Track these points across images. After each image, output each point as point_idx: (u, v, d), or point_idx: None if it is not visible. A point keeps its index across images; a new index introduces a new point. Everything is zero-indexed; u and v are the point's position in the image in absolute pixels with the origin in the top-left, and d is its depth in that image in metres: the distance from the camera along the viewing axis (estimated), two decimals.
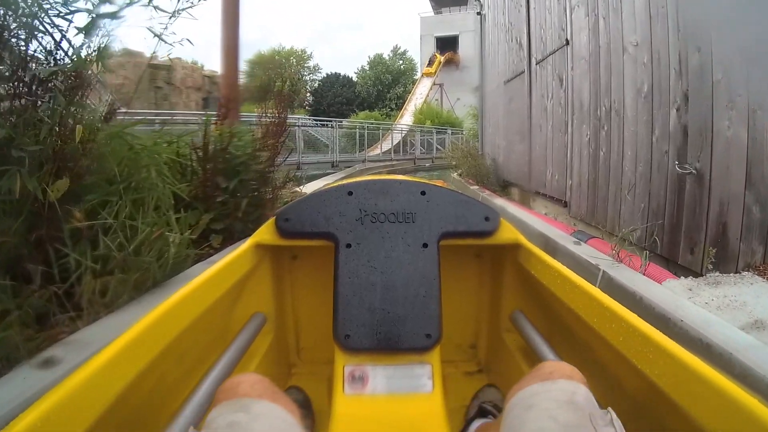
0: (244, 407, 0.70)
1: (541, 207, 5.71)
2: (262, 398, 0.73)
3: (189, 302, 1.02)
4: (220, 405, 0.72)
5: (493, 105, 8.16)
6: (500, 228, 1.37)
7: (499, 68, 7.70)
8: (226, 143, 2.85)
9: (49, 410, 0.63)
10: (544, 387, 0.74)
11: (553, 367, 0.79)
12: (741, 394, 0.65)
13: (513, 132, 6.90)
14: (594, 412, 0.68)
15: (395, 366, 1.18)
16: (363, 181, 1.38)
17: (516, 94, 6.72)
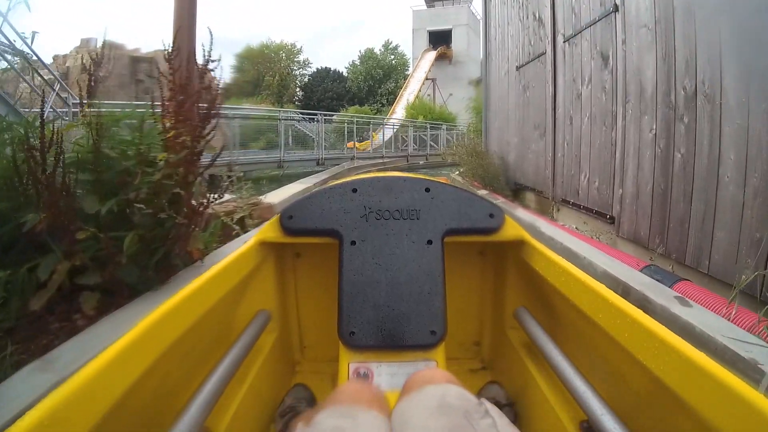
0: (352, 414, 0.70)
1: (571, 219, 4.51)
2: (371, 408, 0.72)
3: (193, 300, 1.00)
4: (331, 407, 0.71)
5: (500, 96, 6.95)
6: (504, 225, 1.33)
7: (508, 52, 6.49)
8: (95, 138, 1.61)
9: (54, 409, 0.63)
10: (413, 399, 0.72)
11: (417, 377, 0.79)
12: (747, 390, 0.63)
13: (529, 126, 5.70)
14: (469, 408, 0.66)
15: (400, 363, 1.17)
16: (368, 178, 1.34)
17: (533, 80, 5.52)
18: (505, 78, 6.66)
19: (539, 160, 5.36)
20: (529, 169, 5.71)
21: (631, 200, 3.41)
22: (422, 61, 33.61)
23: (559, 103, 4.73)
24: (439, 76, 33.98)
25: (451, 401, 0.69)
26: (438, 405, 0.68)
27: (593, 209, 3.99)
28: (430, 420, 0.66)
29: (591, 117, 4.03)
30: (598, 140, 3.91)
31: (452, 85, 33.97)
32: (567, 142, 4.54)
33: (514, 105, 6.24)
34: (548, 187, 5.06)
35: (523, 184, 5.95)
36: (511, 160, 6.39)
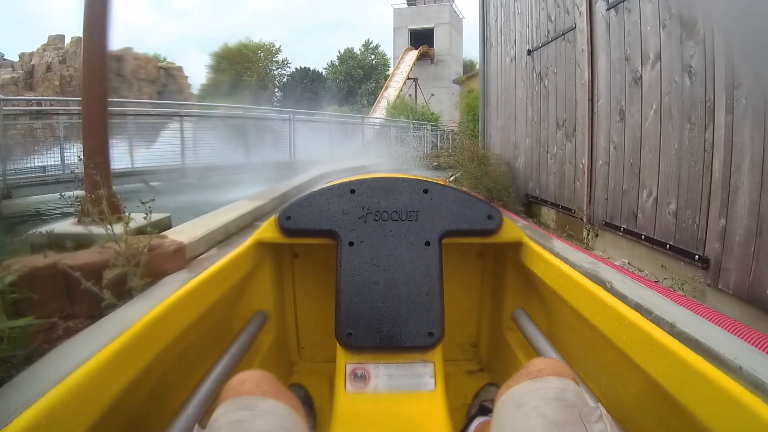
0: (249, 405, 0.69)
1: (619, 250, 3.23)
2: (266, 396, 0.71)
3: (190, 300, 1.01)
4: (226, 403, 0.69)
5: (504, 88, 5.66)
6: (503, 226, 1.30)
7: (515, 35, 5.21)
8: None
9: (50, 408, 0.62)
10: (534, 385, 0.71)
11: (543, 364, 0.77)
12: (744, 394, 0.62)
13: (548, 124, 4.42)
14: (584, 408, 0.65)
15: (397, 364, 1.16)
16: (366, 179, 1.31)
17: (554, 65, 4.23)
18: (510, 66, 5.37)
19: (565, 167, 4.08)
20: (548, 179, 4.43)
21: (746, 237, 2.13)
22: (403, 60, 32.34)
23: (600, 92, 3.45)
24: (421, 76, 32.75)
25: (569, 397, 0.67)
26: (557, 397, 0.67)
27: (666, 243, 2.71)
28: (548, 409, 0.64)
29: (661, 110, 2.75)
30: (674, 143, 2.63)
31: (434, 84, 32.76)
32: (615, 145, 3.25)
33: (524, 98, 4.95)
34: (580, 203, 3.78)
35: (538, 196, 4.67)
36: (520, 166, 5.11)
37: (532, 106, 4.76)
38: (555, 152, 4.26)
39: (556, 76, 4.21)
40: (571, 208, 3.99)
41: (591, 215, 3.62)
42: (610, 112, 3.30)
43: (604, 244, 3.54)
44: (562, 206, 4.15)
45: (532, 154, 4.78)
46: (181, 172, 8.23)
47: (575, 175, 3.90)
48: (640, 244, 2.99)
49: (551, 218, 4.45)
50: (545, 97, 4.45)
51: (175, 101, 16.69)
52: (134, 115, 8.58)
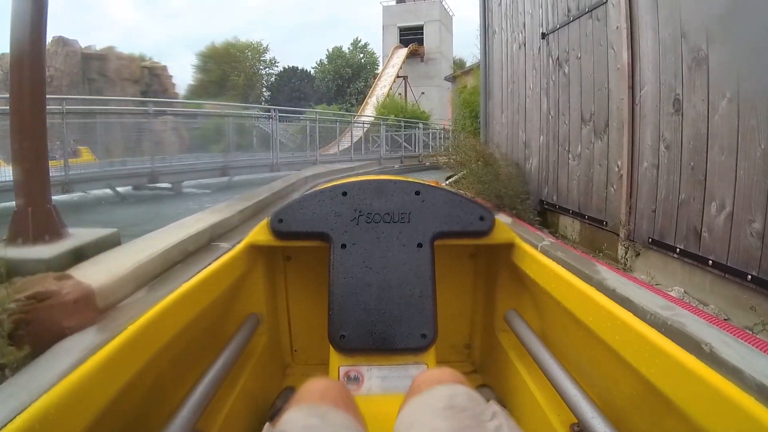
0: (321, 413, 0.68)
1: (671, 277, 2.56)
2: (339, 407, 0.71)
3: (183, 304, 1.00)
4: (300, 406, 0.70)
5: (510, 79, 4.98)
6: (495, 228, 1.30)
7: (525, 17, 4.52)
8: None
9: (45, 412, 0.61)
10: (421, 400, 0.70)
11: (425, 376, 0.77)
12: (737, 393, 0.63)
13: (569, 118, 3.74)
14: (476, 408, 0.64)
15: (390, 366, 1.16)
16: (358, 181, 1.32)
17: (578, 48, 3.55)
18: (518, 54, 4.69)
19: (593, 170, 3.40)
20: (570, 184, 3.75)
21: None
22: (393, 58, 31.63)
23: (645, 78, 2.77)
24: (411, 74, 32.12)
25: (459, 402, 0.66)
26: (447, 406, 0.66)
27: (746, 273, 2.03)
28: (438, 420, 0.64)
29: (738, 99, 2.07)
30: (761, 143, 1.96)
31: (424, 83, 32.18)
32: (668, 144, 2.57)
33: (537, 89, 4.27)
34: (615, 214, 3.10)
35: (556, 204, 3.99)
36: (532, 167, 4.42)
37: (548, 98, 4.08)
38: (579, 152, 3.58)
39: (579, 62, 3.53)
40: (601, 220, 3.31)
41: (631, 230, 2.94)
42: (660, 102, 2.62)
43: (648, 266, 2.87)
44: (589, 217, 3.47)
45: (548, 154, 4.10)
46: (152, 175, 7.43)
47: (608, 179, 3.22)
48: (704, 270, 2.32)
49: (573, 230, 3.78)
50: (565, 87, 3.77)
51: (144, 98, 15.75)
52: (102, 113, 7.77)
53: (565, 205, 3.85)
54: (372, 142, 17.41)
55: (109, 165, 7.41)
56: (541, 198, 4.21)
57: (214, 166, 8.53)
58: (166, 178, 7.63)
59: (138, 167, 7.43)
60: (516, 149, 4.72)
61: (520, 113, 4.68)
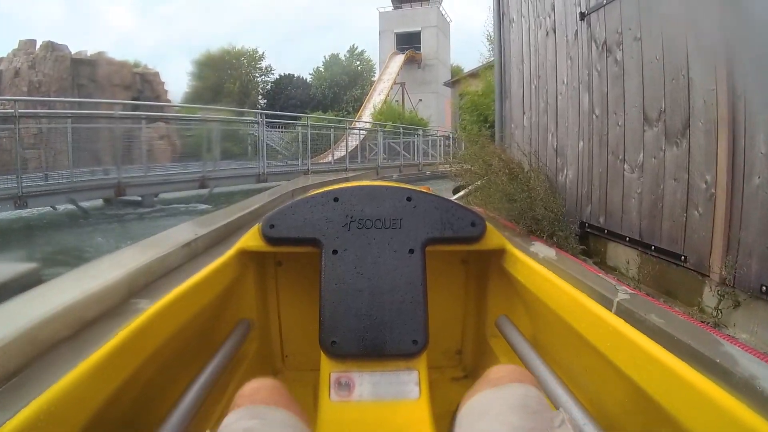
0: (260, 414, 0.68)
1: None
2: (278, 406, 0.71)
3: (174, 310, 0.99)
4: (237, 410, 0.69)
5: (534, 73, 4.10)
6: (486, 234, 1.29)
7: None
8: None
9: (34, 419, 0.61)
10: (496, 392, 0.70)
11: (503, 371, 0.76)
12: (727, 399, 0.63)
13: (623, 119, 2.86)
14: (546, 414, 0.65)
15: (382, 372, 1.14)
16: (349, 187, 1.31)
17: (636, 28, 2.69)
18: (546, 42, 3.82)
19: (664, 186, 2.52)
20: (627, 203, 2.86)
21: None
22: (390, 64, 31.00)
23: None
24: (408, 81, 31.44)
25: (532, 403, 0.66)
26: (520, 404, 0.66)
27: None
28: (512, 416, 0.64)
29: None
30: None
31: (422, 89, 31.51)
32: None
33: (575, 82, 3.39)
34: (702, 247, 2.22)
35: (604, 227, 3.10)
36: (567, 180, 3.53)
37: (591, 93, 3.20)
38: (641, 162, 2.70)
39: (640, 44, 2.66)
40: (676, 253, 2.43)
41: (731, 271, 2.06)
42: None
43: (753, 323, 1.99)
44: (657, 248, 2.59)
45: (592, 164, 3.21)
46: (119, 188, 6.51)
47: (689, 199, 2.34)
48: None
49: (629, 263, 2.89)
50: (617, 79, 2.90)
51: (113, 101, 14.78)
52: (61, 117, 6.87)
53: (617, 229, 2.96)
54: (369, 150, 16.50)
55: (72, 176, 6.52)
56: (582, 219, 3.32)
57: (192, 177, 7.63)
58: (135, 190, 6.74)
59: (104, 178, 6.54)
60: (543, 157, 3.83)
61: (548, 114, 3.80)
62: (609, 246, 3.13)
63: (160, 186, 7.12)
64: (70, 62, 25.65)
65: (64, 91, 24.77)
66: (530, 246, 2.75)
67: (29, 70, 24.48)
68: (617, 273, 3.00)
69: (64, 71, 25.05)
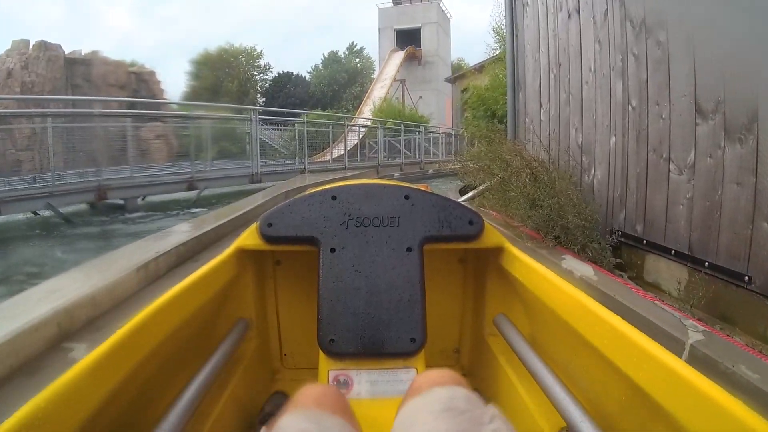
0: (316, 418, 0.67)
1: None
2: (335, 413, 0.69)
3: (171, 309, 0.98)
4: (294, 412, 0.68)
5: (553, 61, 3.66)
6: (484, 232, 1.28)
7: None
8: None
9: (30, 419, 0.60)
10: (420, 400, 0.69)
11: (425, 377, 0.75)
12: (726, 397, 0.62)
13: (667, 110, 2.42)
14: (475, 411, 0.64)
15: (380, 370, 1.15)
16: (347, 185, 1.31)
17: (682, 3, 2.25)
18: (568, 25, 3.37)
19: (722, 191, 2.08)
20: (673, 210, 2.42)
21: None
22: (390, 61, 30.48)
23: None
24: (408, 78, 30.93)
25: (458, 404, 0.65)
26: (445, 408, 0.65)
27: None
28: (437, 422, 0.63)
29: None
30: None
31: (422, 87, 31.00)
32: None
33: (605, 70, 2.94)
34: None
35: (642, 237, 2.66)
36: (595, 181, 3.09)
37: (625, 80, 2.76)
38: (691, 161, 2.26)
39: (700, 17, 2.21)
40: (739, 273, 1.99)
41: None
42: None
43: None
44: (711, 264, 2.15)
45: (627, 163, 2.77)
46: (100, 191, 6.06)
47: (756, 207, 1.91)
48: None
49: (674, 279, 2.46)
50: (660, 63, 2.45)
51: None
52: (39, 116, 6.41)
53: (659, 240, 2.53)
54: (369, 148, 16.02)
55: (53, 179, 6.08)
56: (613, 227, 2.88)
57: (179, 179, 7.17)
58: (118, 193, 6.30)
59: (84, 181, 6.10)
60: (565, 155, 3.39)
61: (572, 106, 3.35)
62: (647, 259, 2.69)
63: (144, 188, 6.65)
64: (63, 62, 25.20)
65: (57, 91, 24.28)
66: (561, 261, 2.32)
67: (22, 71, 24.01)
68: (659, 291, 2.57)
69: (57, 71, 24.58)
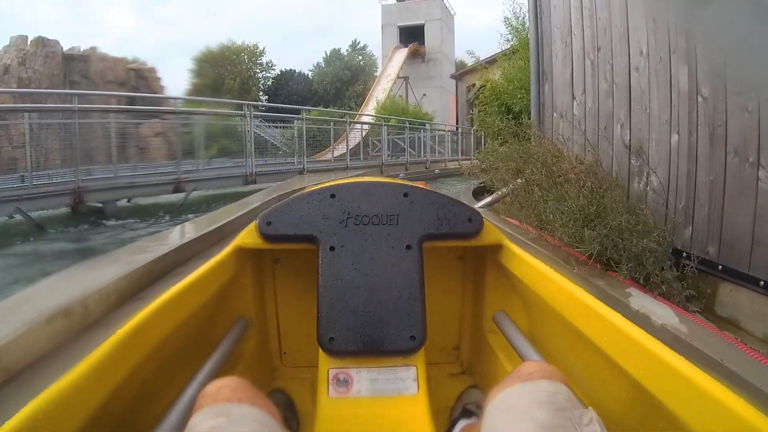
0: (225, 412, 0.68)
1: None
2: (243, 402, 0.70)
3: (171, 309, 0.98)
4: (201, 410, 0.69)
5: (589, 44, 3.09)
6: (483, 229, 1.27)
7: None
8: None
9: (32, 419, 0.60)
10: (524, 388, 0.70)
11: (533, 367, 0.76)
12: (725, 394, 0.63)
13: (757, 104, 1.86)
14: (575, 411, 0.64)
15: (380, 368, 1.13)
16: (346, 183, 1.29)
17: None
18: (609, 2, 2.81)
19: None
20: (763, 230, 1.87)
21: None
22: (393, 58, 29.90)
23: None
24: (412, 75, 30.35)
25: (560, 400, 0.66)
26: (548, 401, 0.65)
27: None
28: (539, 412, 0.63)
29: None
30: None
31: (426, 84, 30.41)
32: None
33: (662, 53, 2.38)
34: None
35: (717, 261, 2.10)
36: (651, 189, 2.52)
37: (692, 65, 2.20)
38: None
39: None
40: None
41: None
42: None
43: None
44: None
45: (695, 167, 2.21)
46: (77, 194, 5.51)
47: None
48: None
49: (759, 316, 1.90)
50: None
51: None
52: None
53: (741, 267, 1.97)
54: (372, 147, 15.45)
55: (31, 179, 5.56)
56: (677, 246, 2.32)
57: (165, 180, 6.60)
58: (96, 196, 5.75)
59: (60, 182, 5.55)
60: (607, 156, 2.83)
61: (615, 97, 2.78)
62: (722, 289, 2.14)
63: (125, 191, 6.10)
64: (61, 58, 24.75)
65: (55, 88, 23.85)
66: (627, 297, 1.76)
67: (19, 67, 23.60)
68: (737, 330, 2.02)
69: (55, 67, 24.14)
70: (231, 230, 2.34)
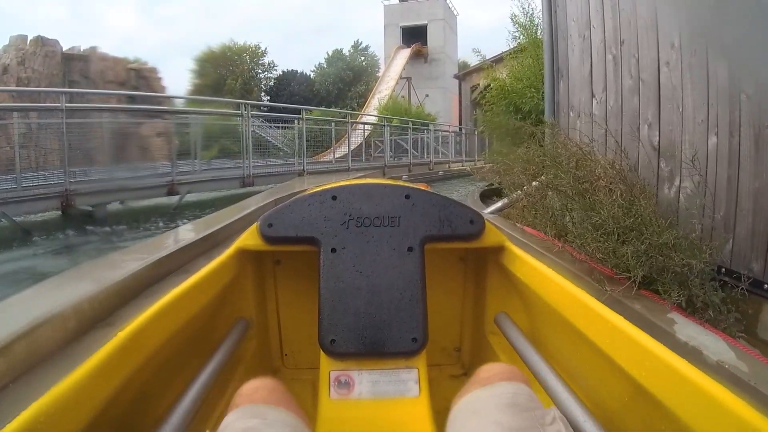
0: (260, 413, 0.68)
1: None
2: (279, 405, 0.71)
3: (172, 310, 0.98)
4: (237, 409, 0.69)
5: (611, 37, 2.86)
6: (485, 231, 1.27)
7: None
8: None
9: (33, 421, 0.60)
10: (486, 392, 0.70)
11: (492, 370, 0.76)
12: (726, 394, 0.62)
13: None
14: (537, 411, 0.64)
15: (381, 370, 1.13)
16: (348, 185, 1.30)
17: None
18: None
19: None
20: None
21: None
22: (395, 58, 29.73)
23: None
24: (414, 75, 30.18)
25: (522, 401, 0.66)
26: (510, 403, 0.65)
27: None
28: (502, 416, 0.63)
29: None
30: None
31: (428, 84, 30.25)
32: None
33: (692, 47, 2.15)
34: None
35: (763, 280, 1.87)
36: (682, 196, 2.28)
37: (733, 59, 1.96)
38: None
39: None
40: None
41: None
42: None
43: None
44: None
45: (738, 173, 1.97)
46: (65, 197, 5.29)
47: None
48: None
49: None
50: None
51: None
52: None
53: None
54: (374, 148, 15.23)
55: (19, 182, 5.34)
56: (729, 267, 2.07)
57: (158, 182, 6.37)
58: (85, 199, 5.53)
59: (49, 185, 5.33)
60: (632, 160, 2.59)
61: (642, 94, 2.54)
62: (766, 309, 1.90)
63: (115, 193, 5.88)
64: (60, 58, 24.61)
65: (54, 87, 23.71)
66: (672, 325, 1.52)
67: (18, 67, 23.45)
68: None
69: (54, 67, 23.98)
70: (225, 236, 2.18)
